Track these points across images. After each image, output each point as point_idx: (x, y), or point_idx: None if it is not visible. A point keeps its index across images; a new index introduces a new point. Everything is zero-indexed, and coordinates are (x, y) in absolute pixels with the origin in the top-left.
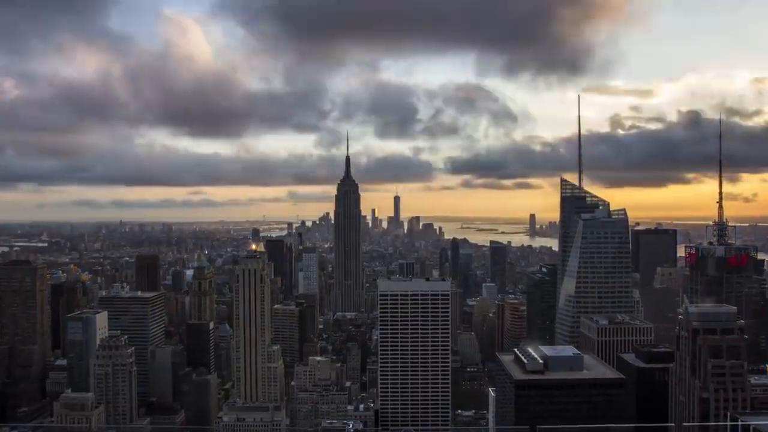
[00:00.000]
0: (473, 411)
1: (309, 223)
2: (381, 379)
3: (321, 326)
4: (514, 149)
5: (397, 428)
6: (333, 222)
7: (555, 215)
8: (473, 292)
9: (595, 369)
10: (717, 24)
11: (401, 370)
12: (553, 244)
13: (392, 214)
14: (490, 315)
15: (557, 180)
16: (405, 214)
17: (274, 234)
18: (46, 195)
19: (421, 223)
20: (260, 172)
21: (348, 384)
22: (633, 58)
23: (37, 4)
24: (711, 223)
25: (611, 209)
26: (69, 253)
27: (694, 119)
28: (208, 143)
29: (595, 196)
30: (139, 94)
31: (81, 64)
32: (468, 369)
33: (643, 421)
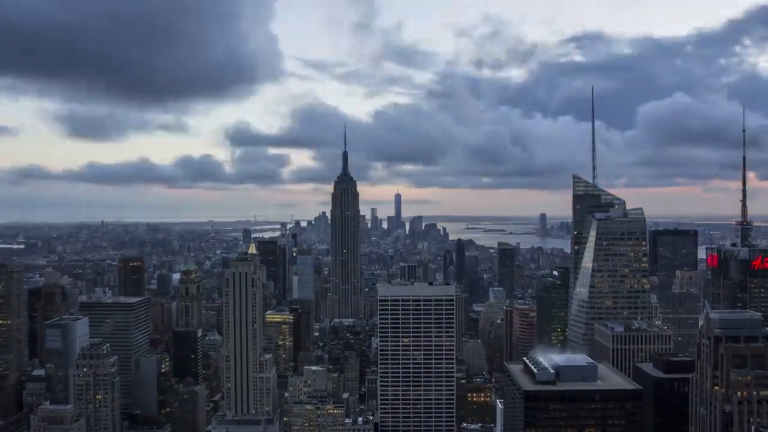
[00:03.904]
0: (480, 424)
1: (304, 223)
2: (381, 391)
3: (317, 334)
4: None
5: None
6: (330, 222)
7: (567, 214)
8: (480, 297)
9: (610, 379)
10: None
11: (402, 381)
12: (565, 245)
13: (393, 214)
14: (498, 321)
15: None
16: (406, 214)
17: (267, 235)
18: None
19: (423, 224)
20: None
21: (345, 395)
22: None
23: None
24: (734, 223)
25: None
26: (47, 255)
27: None
28: None
29: (610, 194)
30: None
31: None
32: (474, 379)
33: None
